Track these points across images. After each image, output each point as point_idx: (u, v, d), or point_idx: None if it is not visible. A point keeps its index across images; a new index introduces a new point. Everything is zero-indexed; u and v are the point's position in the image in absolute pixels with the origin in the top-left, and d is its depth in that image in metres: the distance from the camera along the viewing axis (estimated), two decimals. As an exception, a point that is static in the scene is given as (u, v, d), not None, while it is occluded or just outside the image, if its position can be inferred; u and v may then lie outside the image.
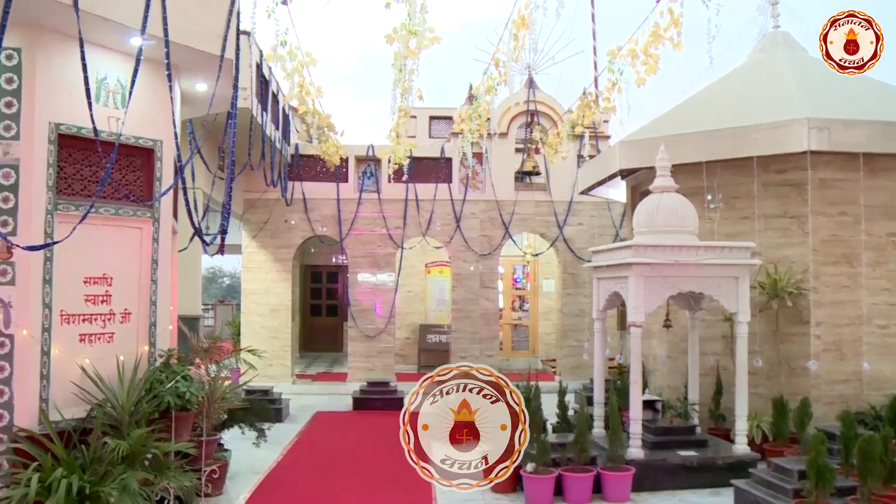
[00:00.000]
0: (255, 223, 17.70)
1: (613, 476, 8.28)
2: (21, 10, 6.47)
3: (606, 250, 9.65)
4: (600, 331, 10.02)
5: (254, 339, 16.77)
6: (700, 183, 10.64)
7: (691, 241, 8.90)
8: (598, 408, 9.88)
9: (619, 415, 8.60)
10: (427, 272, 21.67)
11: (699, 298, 9.76)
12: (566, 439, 8.82)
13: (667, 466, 8.71)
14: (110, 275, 7.69)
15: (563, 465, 8.40)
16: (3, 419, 6.90)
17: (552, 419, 10.00)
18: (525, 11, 9.72)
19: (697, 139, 10.76)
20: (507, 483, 8.57)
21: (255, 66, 12.36)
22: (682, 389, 10.65)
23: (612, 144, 14.23)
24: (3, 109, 7.04)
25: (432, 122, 22.66)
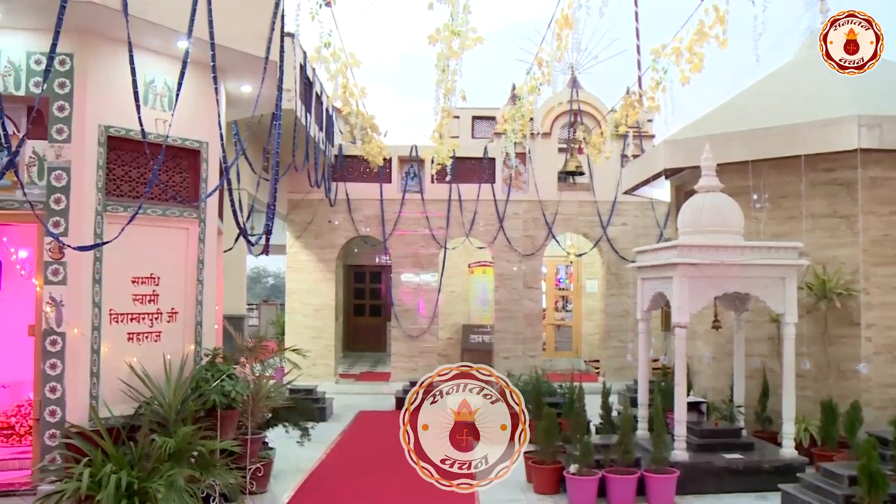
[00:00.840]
0: (300, 224, 17.85)
1: (657, 478, 8.20)
2: (73, 17, 6.63)
3: (651, 250, 9.57)
4: (644, 332, 9.93)
5: (298, 339, 16.92)
6: (746, 182, 10.49)
7: (737, 242, 8.79)
8: (642, 409, 9.79)
9: (663, 416, 8.51)
10: (470, 272, 21.65)
11: (745, 299, 9.63)
12: (610, 441, 8.76)
13: (712, 469, 8.60)
14: (157, 275, 7.82)
15: (606, 466, 8.34)
16: (55, 415, 7.06)
17: (595, 420, 9.95)
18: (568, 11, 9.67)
19: (743, 138, 10.61)
20: (549, 484, 8.56)
21: (299, 67, 12.47)
22: (728, 391, 10.51)
23: (657, 144, 14.09)
24: (56, 113, 7.19)
25: (475, 122, 22.64)
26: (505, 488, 8.92)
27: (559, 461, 8.66)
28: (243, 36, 7.95)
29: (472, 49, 9.27)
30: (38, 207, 7.06)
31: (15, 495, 7.02)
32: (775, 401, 9.90)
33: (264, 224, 8.11)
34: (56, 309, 7.12)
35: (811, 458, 9.12)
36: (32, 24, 7.10)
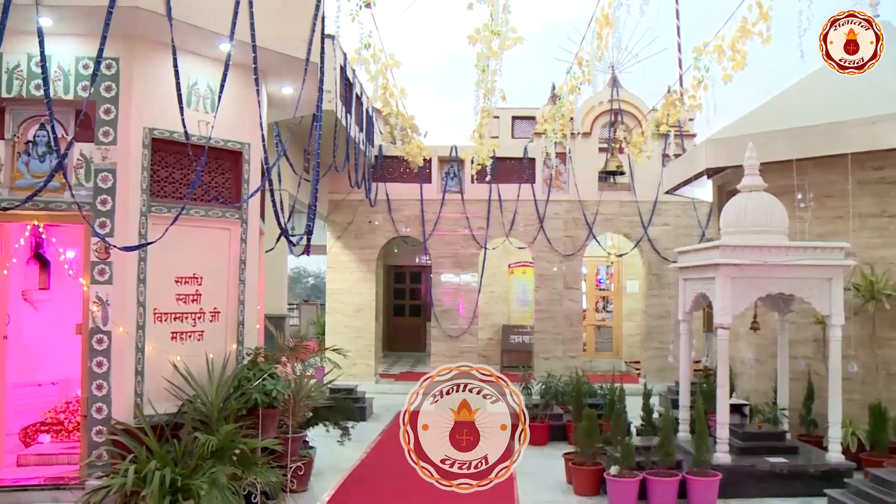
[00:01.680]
0: (340, 224, 17.96)
1: (699, 481, 8.10)
2: (119, 22, 6.77)
3: (693, 251, 9.47)
4: (686, 333, 9.83)
5: (338, 339, 17.01)
6: (790, 181, 10.32)
7: (781, 242, 8.66)
8: (684, 411, 9.69)
9: (705, 419, 8.42)
10: (510, 273, 21.61)
11: (789, 300, 9.48)
12: (651, 442, 8.69)
13: (755, 473, 8.48)
14: (200, 274, 7.92)
15: (647, 468, 8.26)
16: (102, 412, 7.19)
17: (636, 422, 9.87)
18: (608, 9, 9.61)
19: (787, 136, 10.44)
20: (590, 486, 8.51)
21: (339, 68, 12.55)
22: (771, 394, 10.35)
23: (698, 143, 13.93)
24: (102, 116, 7.32)
25: (515, 122, 22.60)
26: (545, 489, 8.90)
27: (599, 463, 8.60)
28: (284, 38, 8.02)
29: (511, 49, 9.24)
30: (85, 208, 7.20)
31: (65, 489, 7.17)
32: (821, 404, 9.73)
33: (305, 224, 8.19)
34: (102, 308, 7.25)
35: (859, 464, 8.93)
36: (80, 30, 7.24)
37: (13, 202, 7.12)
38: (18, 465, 7.90)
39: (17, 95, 7.33)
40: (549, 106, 15.98)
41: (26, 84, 7.32)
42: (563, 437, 11.24)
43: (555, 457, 9.82)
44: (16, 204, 7.02)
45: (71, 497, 6.90)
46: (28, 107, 7.40)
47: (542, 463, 10.03)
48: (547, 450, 10.88)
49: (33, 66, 7.25)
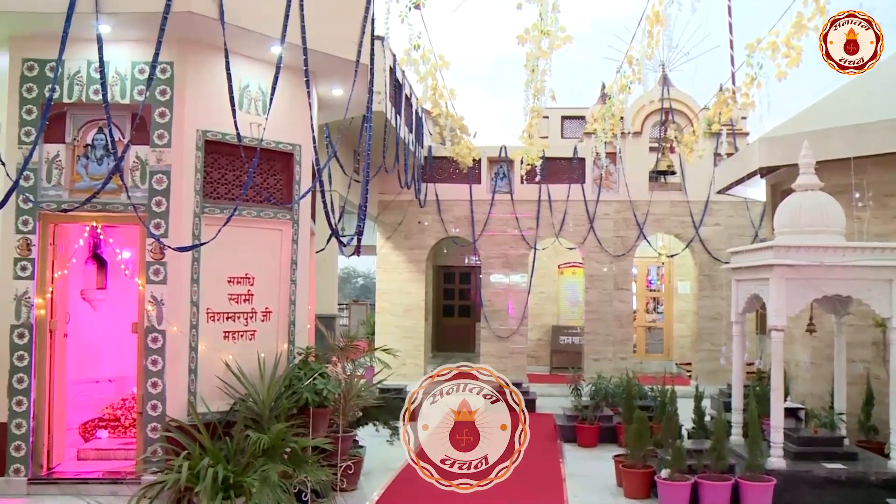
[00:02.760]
0: (390, 224, 18.05)
1: (753, 486, 7.96)
2: (174, 27, 6.92)
3: (746, 251, 9.31)
4: (739, 334, 9.67)
5: (388, 339, 17.11)
6: (847, 180, 10.08)
7: (837, 242, 8.46)
8: (737, 414, 9.53)
9: (758, 422, 8.27)
10: (560, 273, 21.50)
11: (846, 302, 9.27)
12: (702, 446, 8.56)
13: (811, 479, 8.28)
14: (252, 275, 8.03)
15: (699, 472, 8.15)
16: (157, 409, 7.34)
17: (687, 424, 9.74)
18: (659, 7, 9.51)
19: (844, 133, 10.21)
20: (640, 488, 8.42)
21: (388, 70, 12.61)
22: (828, 398, 10.12)
23: (751, 142, 13.72)
24: (157, 119, 7.47)
25: (564, 122, 22.46)
26: (594, 491, 8.84)
27: (650, 465, 8.51)
28: (334, 40, 8.09)
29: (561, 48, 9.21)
30: (141, 210, 7.35)
31: (122, 483, 7.33)
32: (881, 409, 9.48)
33: (356, 225, 8.24)
34: (157, 307, 7.39)
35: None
36: (136, 36, 7.40)
37: (73, 204, 7.29)
38: (79, 458, 8.10)
39: (77, 100, 7.52)
40: (598, 105, 15.86)
41: (86, 89, 7.51)
42: (613, 440, 11.14)
43: (605, 459, 9.74)
44: (75, 206, 7.19)
45: (128, 491, 7.06)
46: (87, 111, 7.59)
47: (592, 465, 9.97)
48: (597, 452, 10.81)
49: (92, 72, 7.43)
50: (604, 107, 12.83)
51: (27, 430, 7.39)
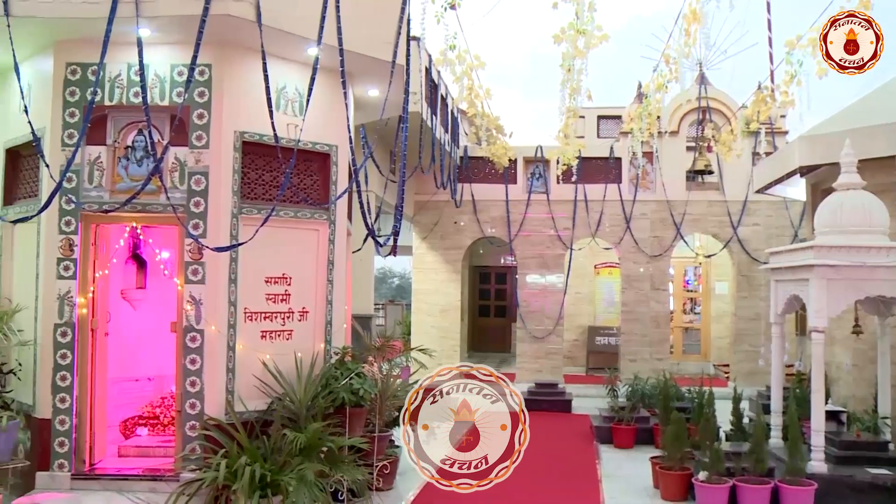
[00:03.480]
0: (426, 225, 18.08)
1: (793, 490, 7.84)
2: (212, 30, 6.99)
3: (785, 251, 9.19)
4: (778, 336, 9.55)
5: (424, 339, 17.13)
6: (891, 179, 9.90)
7: (881, 242, 8.32)
8: (776, 417, 9.41)
9: (798, 425, 8.15)
10: (596, 273, 21.38)
11: (890, 303, 9.10)
12: (741, 448, 8.47)
13: (854, 484, 8.12)
14: (289, 275, 8.09)
15: (737, 475, 8.06)
16: (195, 408, 7.43)
17: (725, 426, 9.64)
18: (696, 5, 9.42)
19: (888, 131, 10.01)
20: (677, 491, 8.36)
21: (424, 70, 12.63)
22: (871, 401, 9.94)
23: (791, 140, 13.51)
24: (196, 121, 7.56)
25: (601, 121, 22.33)
26: (631, 493, 8.79)
27: (688, 468, 8.44)
28: (370, 41, 8.13)
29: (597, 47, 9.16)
30: (180, 210, 7.43)
31: (161, 480, 7.42)
32: (926, 413, 9.30)
33: (392, 225, 8.27)
34: (195, 307, 7.48)
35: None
36: (175, 39, 7.49)
37: (114, 205, 7.41)
38: (119, 455, 8.22)
39: (118, 103, 7.64)
40: (635, 105, 15.73)
41: (126, 92, 7.63)
42: (650, 441, 11.07)
43: (641, 460, 9.68)
44: (116, 206, 7.30)
45: (167, 488, 7.14)
46: (127, 113, 7.70)
47: (629, 466, 9.91)
48: (633, 453, 10.74)
49: (132, 75, 7.55)
50: (640, 106, 12.74)
51: (70, 427, 7.53)
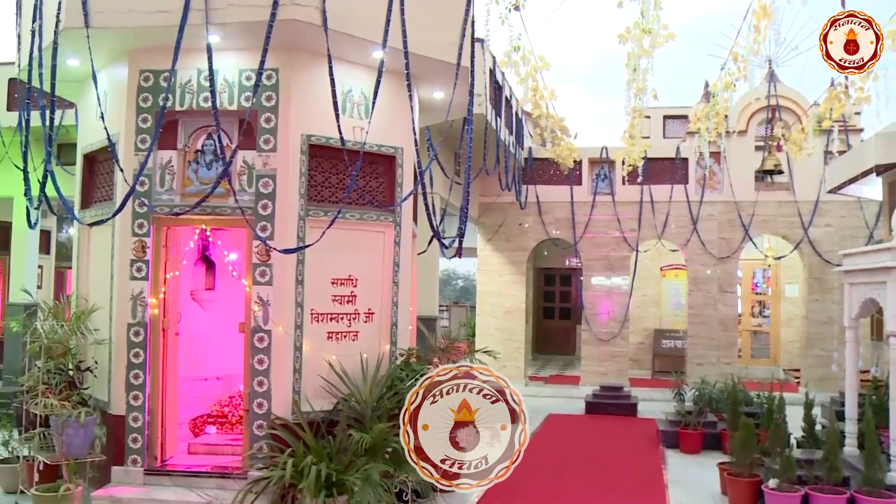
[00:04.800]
0: (490, 226, 18.07)
1: (871, 501, 7.58)
2: (279, 35, 7.11)
3: (860, 253, 8.94)
4: (852, 340, 9.28)
5: (488, 340, 17.11)
6: (972, 178, 9.58)
7: (962, 244, 8.04)
8: (850, 424, 9.14)
9: (875, 433, 7.90)
10: (662, 275, 21.12)
11: (972, 307, 8.79)
12: (813, 456, 8.25)
13: (935, 495, 7.84)
14: (355, 276, 8.17)
15: (809, 483, 7.86)
16: (262, 407, 7.54)
17: (796, 433, 9.41)
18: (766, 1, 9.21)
19: (969, 129, 9.69)
20: (746, 498, 8.18)
21: (488, 72, 12.62)
22: (952, 409, 9.60)
23: (867, 138, 13.13)
24: (263, 124, 7.68)
25: (666, 121, 22.05)
26: (698, 499, 8.65)
27: (757, 475, 8.25)
28: (435, 43, 8.15)
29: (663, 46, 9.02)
30: (248, 213, 7.56)
31: (229, 478, 7.56)
32: None
33: (457, 227, 8.28)
34: (263, 308, 7.60)
35: None
36: (243, 44, 7.63)
37: (184, 207, 7.56)
38: (189, 452, 8.39)
39: (188, 108, 7.81)
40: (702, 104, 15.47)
41: (196, 97, 7.79)
42: (717, 447, 10.87)
43: (708, 466, 9.52)
44: (186, 209, 7.45)
45: (234, 485, 7.27)
46: (197, 118, 7.86)
47: (696, 472, 9.74)
48: (700, 458, 10.56)
49: (202, 80, 7.71)
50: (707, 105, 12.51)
51: (143, 424, 7.72)
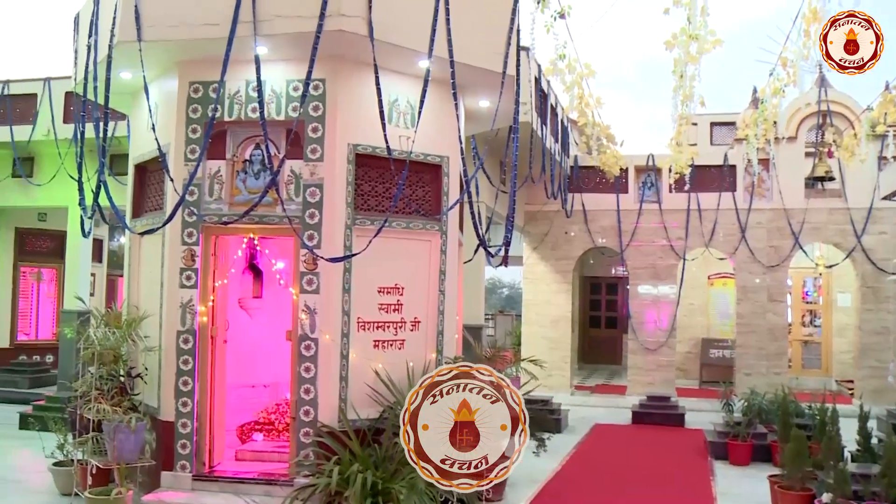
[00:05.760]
0: (536, 235, 18.01)
1: (929, 517, 7.38)
2: (325, 45, 7.18)
3: (916, 262, 8.74)
4: (908, 351, 9.07)
5: (534, 349, 17.04)
6: None
7: None
8: (908, 437, 8.92)
9: (934, 447, 7.68)
10: (710, 284, 20.87)
11: None
12: (869, 470, 8.04)
13: None
14: (402, 285, 8.19)
15: (866, 498, 7.65)
16: (309, 415, 7.59)
17: (850, 446, 9.20)
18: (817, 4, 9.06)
19: None
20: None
21: (534, 80, 12.60)
22: None
23: (923, 143, 12.85)
24: (311, 134, 7.76)
25: (714, 128, 21.81)
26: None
27: (809, 488, 8.08)
28: (481, 52, 8.16)
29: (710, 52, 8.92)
30: (295, 222, 7.63)
31: (276, 484, 7.62)
32: None
33: (503, 236, 8.27)
34: (310, 316, 7.66)
35: None
36: (290, 55, 7.72)
37: (232, 216, 7.66)
38: (236, 459, 8.47)
39: (237, 119, 7.92)
40: (750, 110, 15.26)
41: (244, 108, 7.90)
42: (767, 459, 10.69)
43: (758, 479, 9.36)
44: (235, 218, 7.55)
45: (281, 492, 7.33)
46: (245, 128, 7.97)
47: (745, 484, 9.59)
48: (750, 470, 10.38)
49: (250, 91, 7.81)
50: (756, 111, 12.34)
51: (191, 430, 7.82)
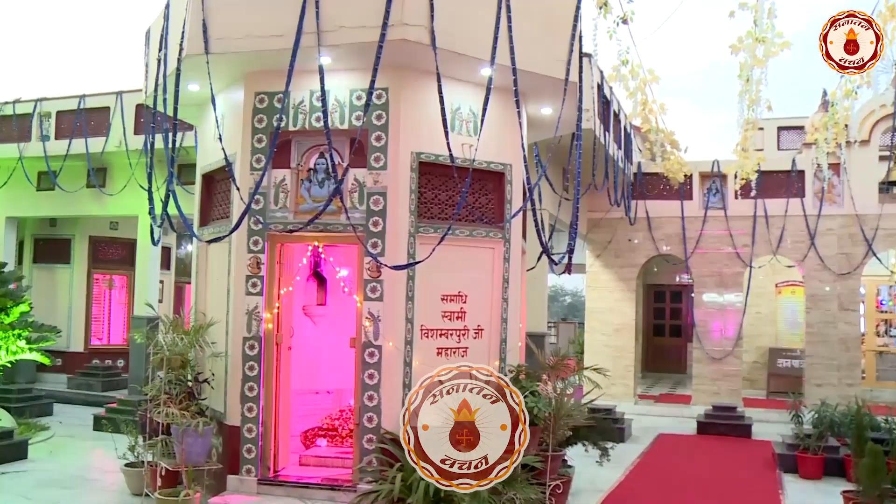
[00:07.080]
0: (599, 242, 17.87)
1: None
2: (388, 55, 7.24)
3: None
4: None
5: (597, 358, 16.87)
6: None
7: None
8: None
9: None
10: (777, 293, 20.43)
11: None
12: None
13: None
14: (465, 292, 8.20)
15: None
16: (372, 421, 7.64)
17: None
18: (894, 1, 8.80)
19: None
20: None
21: (596, 87, 12.52)
22: None
23: None
24: (374, 143, 7.82)
25: (781, 132, 21.39)
26: (821, 527, 8.30)
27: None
28: (543, 59, 8.14)
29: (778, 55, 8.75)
30: (359, 230, 7.71)
31: (339, 490, 7.69)
32: None
33: (567, 243, 8.22)
34: (374, 323, 7.71)
35: None
36: (354, 65, 7.81)
37: (297, 225, 7.77)
38: (300, 464, 8.58)
39: (301, 128, 8.04)
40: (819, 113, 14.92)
41: (308, 117, 8.01)
42: (840, 473, 10.37)
43: (831, 494, 9.12)
44: (299, 226, 7.66)
45: (344, 498, 7.39)
46: (309, 137, 8.08)
47: (816, 499, 9.35)
48: (822, 485, 10.10)
49: (314, 101, 7.92)
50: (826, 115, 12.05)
51: (256, 435, 7.93)
